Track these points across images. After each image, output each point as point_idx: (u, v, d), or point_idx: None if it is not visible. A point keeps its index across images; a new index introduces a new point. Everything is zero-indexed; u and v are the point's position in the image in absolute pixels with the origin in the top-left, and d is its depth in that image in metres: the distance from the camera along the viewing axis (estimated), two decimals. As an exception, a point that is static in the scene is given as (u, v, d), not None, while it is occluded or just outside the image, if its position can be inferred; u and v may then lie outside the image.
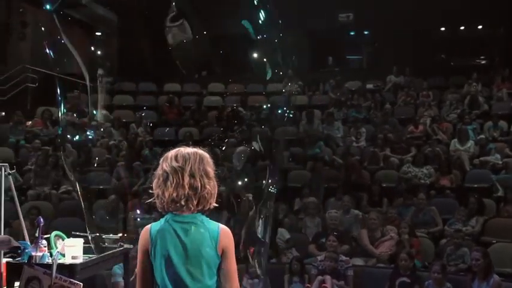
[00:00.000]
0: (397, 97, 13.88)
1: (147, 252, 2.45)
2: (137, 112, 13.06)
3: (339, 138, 11.79)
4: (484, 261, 6.13)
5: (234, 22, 5.09)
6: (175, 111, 13.45)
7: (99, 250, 4.08)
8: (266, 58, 4.95)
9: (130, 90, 15.12)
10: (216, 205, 2.50)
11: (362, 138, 11.70)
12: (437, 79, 14.74)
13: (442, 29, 17.18)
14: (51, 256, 3.61)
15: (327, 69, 17.05)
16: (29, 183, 9.76)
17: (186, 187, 2.40)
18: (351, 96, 13.96)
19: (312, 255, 7.61)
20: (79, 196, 4.45)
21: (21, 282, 3.30)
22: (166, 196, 2.41)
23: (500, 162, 10.01)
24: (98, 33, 14.64)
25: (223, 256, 2.44)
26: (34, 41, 13.76)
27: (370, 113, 12.99)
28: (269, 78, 4.95)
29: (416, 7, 15.16)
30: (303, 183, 9.70)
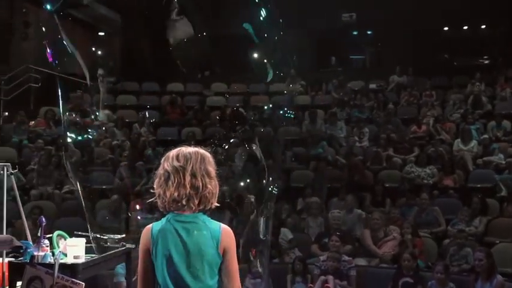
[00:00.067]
0: (400, 97, 13.83)
1: (148, 252, 2.45)
2: (140, 112, 13.05)
3: (342, 138, 11.76)
4: (487, 261, 6.12)
5: (236, 22, 5.09)
6: (178, 111, 13.46)
7: (101, 250, 4.08)
8: (268, 58, 4.94)
9: (134, 90, 15.11)
10: (217, 205, 2.50)
11: (365, 138, 11.67)
12: (441, 79, 14.68)
13: (445, 29, 17.16)
14: (53, 256, 3.60)
15: (330, 69, 17.00)
16: (31, 183, 9.77)
17: (187, 187, 2.39)
18: (353, 96, 13.92)
19: (314, 255, 7.60)
20: (80, 196, 4.44)
21: (23, 282, 3.29)
22: (168, 196, 2.41)
23: (503, 162, 9.97)
24: (101, 33, 14.65)
25: (225, 256, 2.44)
26: (37, 41, 13.76)
27: (373, 113, 12.95)
28: (271, 79, 4.94)
29: (419, 7, 15.14)
30: (305, 183, 9.69)
